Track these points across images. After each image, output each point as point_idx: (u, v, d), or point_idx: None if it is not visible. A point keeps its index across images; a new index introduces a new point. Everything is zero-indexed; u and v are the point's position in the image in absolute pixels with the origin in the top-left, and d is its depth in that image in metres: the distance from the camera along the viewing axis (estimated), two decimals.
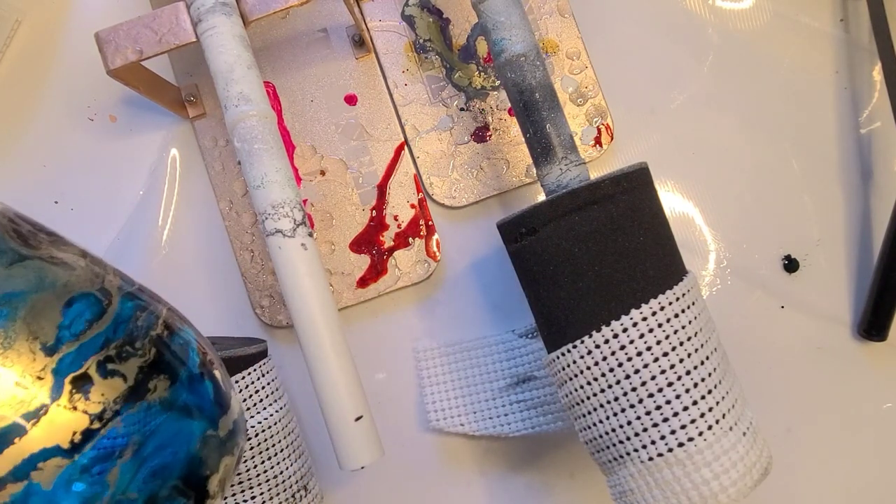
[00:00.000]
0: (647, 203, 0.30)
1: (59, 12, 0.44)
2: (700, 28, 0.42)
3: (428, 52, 0.42)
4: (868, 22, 0.41)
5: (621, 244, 0.29)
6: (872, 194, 0.41)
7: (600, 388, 0.29)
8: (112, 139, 0.42)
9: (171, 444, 0.17)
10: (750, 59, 0.42)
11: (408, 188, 0.41)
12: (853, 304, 0.40)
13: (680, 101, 0.42)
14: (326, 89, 0.42)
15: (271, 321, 0.41)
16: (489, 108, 0.41)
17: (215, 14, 0.32)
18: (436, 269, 0.41)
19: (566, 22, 0.41)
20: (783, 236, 0.41)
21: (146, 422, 0.17)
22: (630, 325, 0.28)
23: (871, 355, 0.40)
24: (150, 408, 0.17)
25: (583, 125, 0.41)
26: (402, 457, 0.40)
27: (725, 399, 0.29)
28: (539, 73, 0.33)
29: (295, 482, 0.36)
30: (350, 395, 0.30)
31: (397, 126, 0.41)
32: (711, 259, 0.41)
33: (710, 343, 0.30)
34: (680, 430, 0.28)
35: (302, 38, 0.42)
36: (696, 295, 0.30)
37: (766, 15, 0.42)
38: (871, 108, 0.41)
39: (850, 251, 0.41)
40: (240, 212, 0.41)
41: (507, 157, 0.41)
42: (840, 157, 0.41)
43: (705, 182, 0.41)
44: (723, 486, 0.27)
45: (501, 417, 0.39)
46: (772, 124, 0.41)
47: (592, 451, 0.31)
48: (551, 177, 0.32)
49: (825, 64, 0.42)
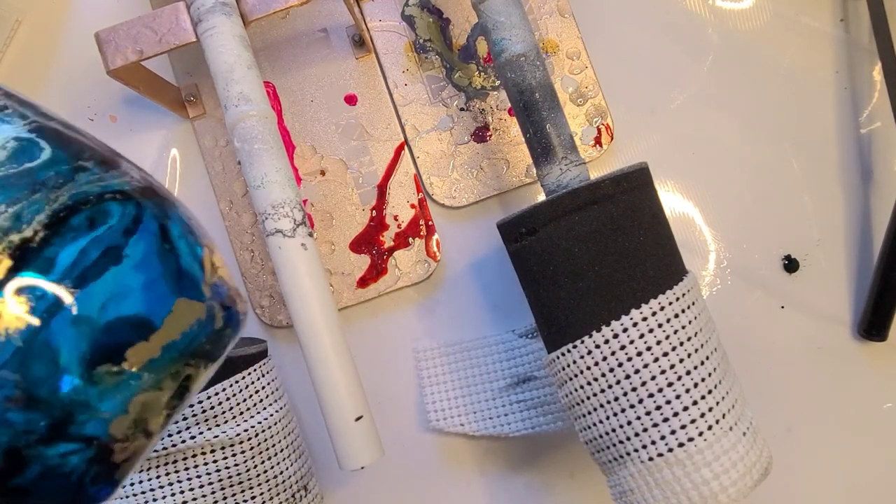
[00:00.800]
0: (647, 203, 0.30)
1: (59, 12, 0.44)
2: (700, 28, 0.42)
3: (428, 52, 0.42)
4: (868, 22, 0.41)
5: (621, 244, 0.29)
6: (872, 194, 0.41)
7: (600, 388, 0.29)
8: (112, 139, 0.42)
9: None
10: (750, 58, 0.42)
11: (408, 188, 0.41)
12: (853, 304, 0.40)
13: (680, 101, 0.42)
14: (326, 89, 0.42)
15: (271, 321, 0.41)
16: (489, 108, 0.41)
17: (215, 14, 0.32)
18: (436, 269, 0.41)
19: (566, 22, 0.41)
20: (783, 236, 0.41)
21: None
22: (630, 325, 0.28)
23: (871, 355, 0.40)
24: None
25: (583, 125, 0.41)
26: (402, 457, 0.40)
27: (725, 399, 0.29)
28: (539, 73, 0.33)
29: (295, 482, 0.36)
30: (350, 395, 0.30)
31: (397, 126, 0.41)
32: (711, 259, 0.41)
33: (710, 343, 0.30)
34: (680, 430, 0.28)
35: (302, 38, 0.42)
36: (696, 295, 0.30)
37: (766, 15, 0.42)
38: (871, 108, 0.41)
39: (850, 251, 0.41)
40: (240, 212, 0.41)
41: (507, 157, 0.41)
42: (840, 157, 0.41)
43: (705, 182, 0.41)
44: (723, 486, 0.27)
45: (501, 417, 0.39)
46: (772, 124, 0.41)
47: (592, 452, 0.31)
48: (551, 177, 0.32)
49: (825, 64, 0.42)
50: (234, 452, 0.34)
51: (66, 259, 0.15)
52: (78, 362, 0.15)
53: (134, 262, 0.16)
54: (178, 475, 0.33)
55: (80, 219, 0.16)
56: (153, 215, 0.17)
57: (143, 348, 0.16)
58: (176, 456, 0.33)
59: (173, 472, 0.33)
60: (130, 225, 0.17)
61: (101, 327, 0.15)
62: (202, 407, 0.33)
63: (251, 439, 0.34)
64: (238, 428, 0.34)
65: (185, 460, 0.33)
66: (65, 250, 0.15)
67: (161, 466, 0.33)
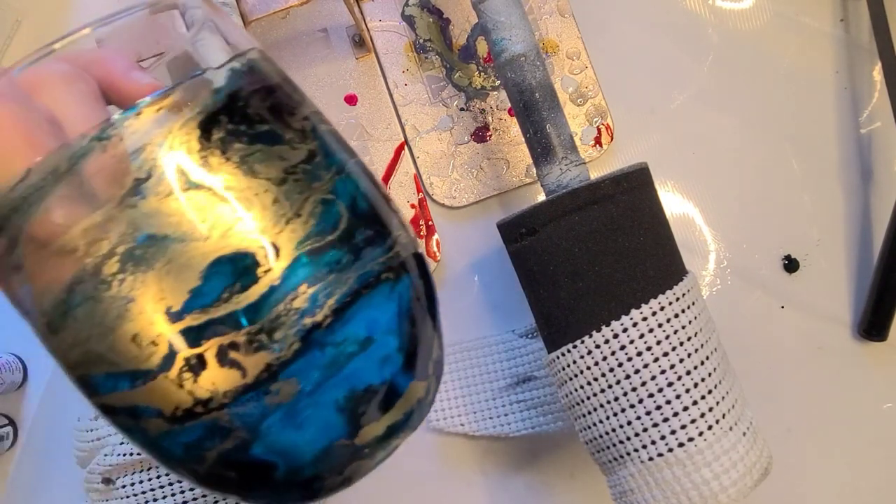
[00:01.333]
0: (647, 203, 0.30)
1: (59, 12, 0.44)
2: (700, 28, 0.42)
3: (428, 52, 0.42)
4: (868, 22, 0.41)
5: (621, 244, 0.29)
6: (872, 194, 0.41)
7: (600, 388, 0.29)
8: None
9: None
10: (750, 59, 0.42)
11: (408, 188, 0.41)
12: (853, 304, 0.40)
13: (680, 101, 0.42)
14: (326, 89, 0.42)
15: None
16: (489, 108, 0.41)
17: None
18: (436, 269, 0.41)
19: (566, 22, 0.41)
20: (783, 236, 0.41)
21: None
22: (630, 325, 0.28)
23: (871, 355, 0.40)
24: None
25: (583, 125, 0.41)
26: (402, 457, 0.40)
27: (725, 399, 0.29)
28: (539, 73, 0.33)
29: None
30: None
31: (397, 126, 0.41)
32: (711, 259, 0.41)
33: (710, 343, 0.30)
34: (680, 430, 0.28)
35: (302, 38, 0.42)
36: (696, 295, 0.30)
37: (766, 15, 0.42)
38: (871, 108, 0.41)
39: (850, 251, 0.41)
40: None
41: (507, 157, 0.41)
42: (840, 157, 0.41)
43: (705, 182, 0.41)
44: (723, 486, 0.27)
45: (501, 417, 0.39)
46: (772, 124, 0.41)
47: (592, 452, 0.31)
48: (551, 177, 0.32)
49: (825, 64, 0.42)
50: None
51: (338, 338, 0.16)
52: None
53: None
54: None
55: (360, 304, 0.16)
56: (410, 286, 0.17)
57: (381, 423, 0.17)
58: None
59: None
60: (397, 305, 0.17)
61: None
62: None
63: None
64: None
65: None
66: (338, 333, 0.15)
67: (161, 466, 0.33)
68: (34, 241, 0.14)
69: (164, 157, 0.14)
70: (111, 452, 0.34)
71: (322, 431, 0.16)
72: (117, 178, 0.14)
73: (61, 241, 0.14)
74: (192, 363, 0.14)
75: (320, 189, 0.16)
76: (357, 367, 0.16)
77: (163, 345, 0.14)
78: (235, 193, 0.15)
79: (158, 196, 0.14)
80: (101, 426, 0.35)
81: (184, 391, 0.15)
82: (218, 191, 0.15)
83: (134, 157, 0.14)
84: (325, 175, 0.16)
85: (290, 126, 0.16)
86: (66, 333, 0.15)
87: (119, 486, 0.33)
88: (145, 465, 0.33)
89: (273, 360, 0.15)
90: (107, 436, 0.34)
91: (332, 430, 0.16)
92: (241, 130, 0.15)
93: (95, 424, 0.35)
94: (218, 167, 0.15)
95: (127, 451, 0.33)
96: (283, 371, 0.15)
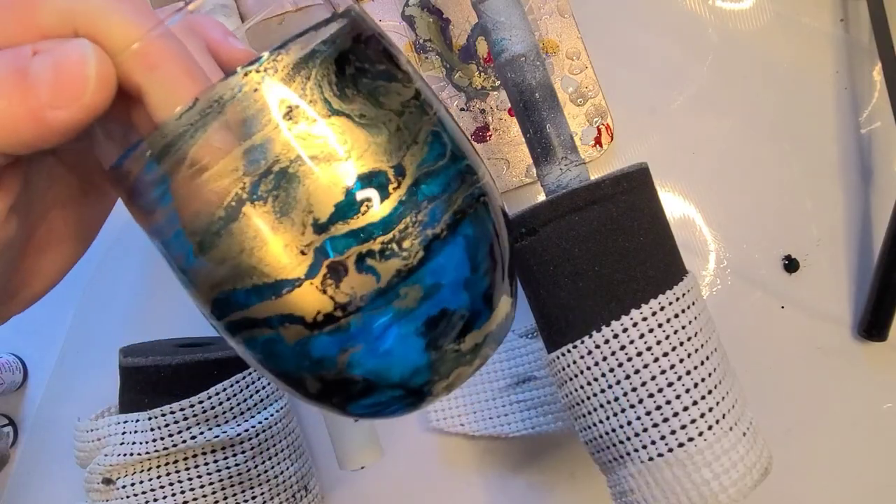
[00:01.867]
0: (647, 203, 0.30)
1: None
2: (700, 28, 0.42)
3: (428, 52, 0.42)
4: (868, 22, 0.41)
5: (621, 244, 0.29)
6: (872, 194, 0.41)
7: (600, 389, 0.29)
8: None
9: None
10: (750, 59, 0.42)
11: None
12: (853, 304, 0.40)
13: (680, 102, 0.42)
14: None
15: None
16: (489, 108, 0.41)
17: (215, 15, 0.32)
18: None
19: (566, 22, 0.41)
20: (783, 236, 0.41)
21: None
22: (630, 325, 0.28)
23: (871, 355, 0.40)
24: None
25: (583, 125, 0.41)
26: (402, 457, 0.40)
27: (725, 399, 0.29)
28: (539, 73, 0.33)
29: (295, 482, 0.36)
30: None
31: None
32: (711, 259, 0.41)
33: (710, 343, 0.30)
34: (680, 430, 0.28)
35: None
36: (696, 295, 0.30)
37: (766, 15, 0.42)
38: (871, 108, 0.41)
39: (850, 251, 0.41)
40: None
41: (507, 157, 0.41)
42: (840, 157, 0.41)
43: (705, 182, 0.41)
44: (723, 487, 0.27)
45: (501, 417, 0.39)
46: (772, 124, 0.41)
47: (592, 452, 0.31)
48: (551, 177, 0.32)
49: (825, 64, 0.42)
50: (235, 452, 0.34)
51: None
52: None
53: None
54: (179, 475, 0.33)
55: (467, 221, 0.18)
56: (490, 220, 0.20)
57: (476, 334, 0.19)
58: (176, 456, 0.33)
59: (174, 472, 0.33)
60: (492, 223, 0.19)
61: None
62: (202, 407, 0.33)
63: (251, 439, 0.34)
64: (238, 428, 0.34)
65: (185, 460, 0.33)
66: (451, 244, 0.18)
67: (161, 466, 0.33)
68: (195, 164, 0.16)
69: (312, 87, 0.16)
70: (111, 452, 0.34)
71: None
72: (272, 105, 0.16)
73: (222, 164, 0.16)
74: (335, 269, 0.16)
75: (429, 121, 0.18)
76: (464, 276, 0.18)
77: (310, 254, 0.16)
78: (367, 121, 0.17)
79: (308, 121, 0.16)
80: (101, 426, 0.35)
81: (326, 296, 0.16)
82: (354, 118, 0.17)
83: (286, 86, 0.16)
84: (430, 111, 0.18)
85: (400, 67, 0.18)
86: (216, 251, 0.16)
87: (119, 486, 0.34)
88: (145, 465, 0.33)
89: (402, 266, 0.17)
90: (107, 436, 0.34)
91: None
92: (366, 68, 0.17)
93: (95, 424, 0.35)
94: (353, 98, 0.17)
95: (127, 452, 0.33)
96: (410, 276, 0.17)
